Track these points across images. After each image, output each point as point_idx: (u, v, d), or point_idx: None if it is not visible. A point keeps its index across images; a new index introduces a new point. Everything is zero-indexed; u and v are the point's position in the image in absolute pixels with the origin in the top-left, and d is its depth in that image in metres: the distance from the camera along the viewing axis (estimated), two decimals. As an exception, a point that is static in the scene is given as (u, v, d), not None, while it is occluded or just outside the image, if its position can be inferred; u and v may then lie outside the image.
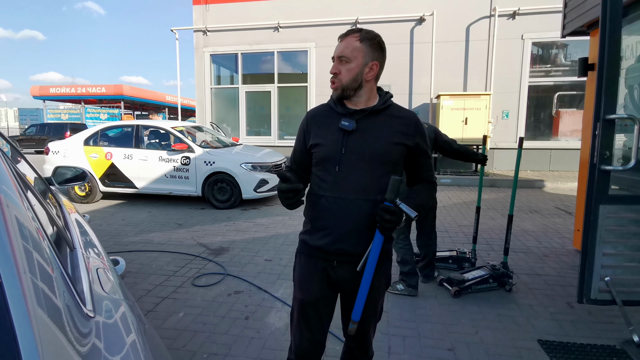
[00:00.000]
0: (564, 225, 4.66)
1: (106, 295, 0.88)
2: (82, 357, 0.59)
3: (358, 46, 1.23)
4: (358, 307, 1.25)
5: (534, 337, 2.25)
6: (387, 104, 1.30)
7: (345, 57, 1.23)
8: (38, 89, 18.91)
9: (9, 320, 0.49)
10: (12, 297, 0.51)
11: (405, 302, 2.68)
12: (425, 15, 8.94)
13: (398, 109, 1.32)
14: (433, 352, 2.10)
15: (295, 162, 1.41)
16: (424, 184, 1.36)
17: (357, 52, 1.23)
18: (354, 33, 1.25)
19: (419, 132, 1.30)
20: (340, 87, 1.25)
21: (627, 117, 2.14)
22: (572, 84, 8.69)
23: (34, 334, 0.49)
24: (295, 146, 1.41)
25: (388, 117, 1.28)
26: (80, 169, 2.46)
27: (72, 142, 6.27)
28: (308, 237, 1.32)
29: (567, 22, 3.86)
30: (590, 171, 2.04)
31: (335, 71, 1.26)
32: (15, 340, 0.47)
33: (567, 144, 8.70)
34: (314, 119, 1.35)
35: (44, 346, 0.50)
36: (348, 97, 1.27)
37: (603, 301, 2.16)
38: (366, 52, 1.24)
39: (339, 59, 1.25)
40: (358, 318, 1.26)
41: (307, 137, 1.34)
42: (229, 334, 2.29)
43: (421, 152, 1.31)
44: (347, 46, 1.24)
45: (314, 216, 1.30)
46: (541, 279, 3.06)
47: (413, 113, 1.34)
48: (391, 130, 1.26)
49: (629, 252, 2.14)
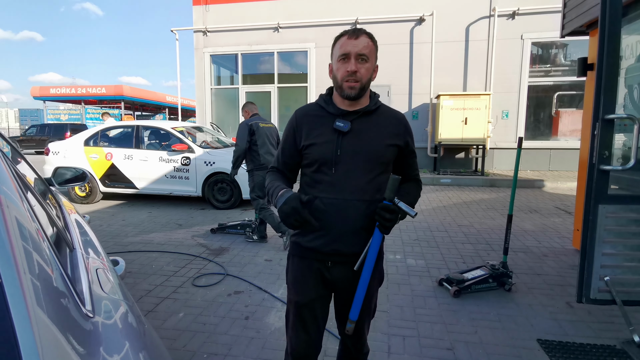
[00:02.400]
0: (564, 225, 4.66)
1: (106, 296, 0.88)
2: (81, 357, 0.59)
3: (372, 47, 1.23)
4: (356, 307, 1.25)
5: (533, 336, 2.25)
6: (378, 104, 1.30)
7: (365, 55, 1.20)
8: (38, 89, 18.91)
9: (9, 320, 0.49)
10: (12, 297, 0.52)
11: (405, 302, 2.68)
12: (425, 16, 8.95)
13: (387, 110, 1.33)
14: (432, 352, 2.11)
15: (282, 162, 1.37)
16: (412, 182, 1.38)
17: (372, 53, 1.23)
18: (364, 33, 1.22)
19: (408, 131, 1.32)
20: (359, 87, 1.21)
21: (626, 116, 2.15)
22: (572, 84, 8.69)
23: (34, 335, 0.49)
24: (282, 146, 1.36)
25: (379, 117, 1.29)
26: (80, 169, 2.47)
27: (72, 143, 6.27)
28: (301, 238, 1.31)
29: (566, 22, 3.86)
30: (590, 171, 2.05)
31: (355, 69, 1.20)
32: (15, 341, 0.48)
33: (567, 144, 8.70)
34: (304, 118, 1.31)
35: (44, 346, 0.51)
36: (360, 97, 1.24)
37: (603, 301, 2.16)
38: (375, 54, 1.26)
39: (358, 57, 1.20)
40: (356, 317, 1.26)
41: (298, 137, 1.30)
42: (229, 334, 2.30)
43: (410, 151, 1.34)
44: (365, 45, 1.20)
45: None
46: (540, 279, 3.06)
47: (401, 113, 1.36)
48: (384, 131, 1.27)
49: (628, 252, 2.14)
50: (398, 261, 3.47)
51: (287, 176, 1.38)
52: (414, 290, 2.89)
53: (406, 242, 4.00)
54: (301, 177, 1.35)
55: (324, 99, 1.32)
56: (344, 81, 1.21)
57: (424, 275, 3.17)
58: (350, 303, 1.30)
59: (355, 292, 1.25)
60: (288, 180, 1.37)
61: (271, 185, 1.31)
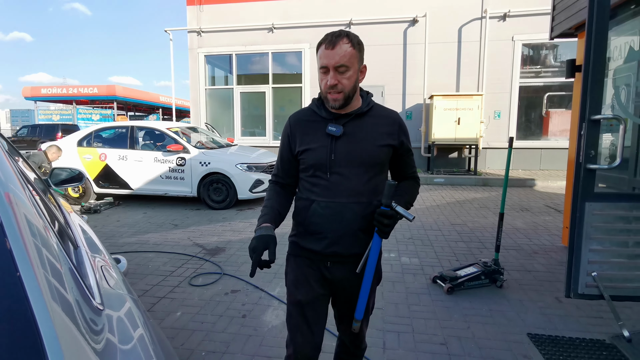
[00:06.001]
0: (554, 223, 4.75)
1: (112, 291, 0.91)
2: (96, 348, 0.62)
3: (352, 52, 1.18)
4: (361, 306, 1.27)
5: (523, 331, 2.31)
6: (370, 105, 1.29)
7: (344, 65, 1.17)
8: (30, 90, 18.69)
9: (31, 314, 0.52)
10: (31, 291, 0.55)
11: (400, 300, 2.73)
12: (418, 17, 9.03)
13: (380, 109, 1.32)
14: (426, 347, 2.16)
15: (282, 170, 1.37)
16: (409, 180, 1.39)
17: (353, 59, 1.19)
18: (342, 38, 1.18)
19: (402, 130, 1.32)
20: (343, 98, 1.20)
21: (612, 117, 2.22)
22: (562, 85, 8.84)
23: (54, 327, 0.52)
24: (281, 153, 1.37)
25: (372, 118, 1.28)
26: (76, 170, 2.48)
27: (66, 143, 6.23)
28: (300, 239, 1.32)
29: (555, 25, 3.94)
30: (577, 170, 2.11)
31: (334, 82, 1.18)
32: (38, 333, 0.50)
33: (557, 144, 8.85)
34: (298, 124, 1.32)
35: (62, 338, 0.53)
36: (346, 105, 1.23)
37: (590, 296, 2.22)
38: (358, 57, 1.21)
39: (336, 69, 1.17)
40: (361, 316, 1.29)
41: (293, 143, 1.31)
42: (226, 332, 2.33)
43: (405, 150, 1.33)
44: (343, 54, 1.16)
45: (307, 220, 1.28)
46: (531, 275, 3.14)
47: (395, 112, 1.35)
48: (377, 132, 1.26)
49: (615, 248, 2.21)
50: (393, 259, 3.53)
51: (287, 187, 1.38)
52: (409, 287, 2.94)
53: (400, 241, 4.06)
54: (300, 181, 1.36)
55: (316, 103, 1.31)
56: (327, 93, 1.22)
57: (418, 273, 3.22)
58: (350, 302, 1.33)
59: (359, 292, 1.28)
60: (288, 193, 1.38)
61: (264, 206, 1.33)
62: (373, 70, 9.26)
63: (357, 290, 1.29)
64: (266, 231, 1.20)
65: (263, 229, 1.21)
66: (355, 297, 1.31)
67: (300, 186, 1.35)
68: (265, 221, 1.25)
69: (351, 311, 1.33)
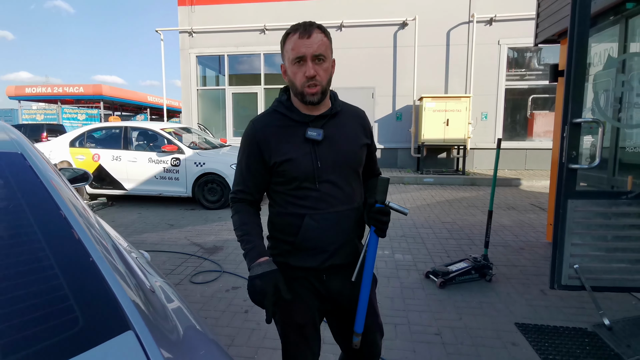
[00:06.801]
0: (538, 220, 4.97)
1: (152, 278, 1.01)
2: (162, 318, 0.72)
3: (327, 42, 1.10)
4: (360, 318, 1.17)
5: (511, 320, 2.47)
6: (340, 104, 1.22)
7: (321, 55, 1.07)
8: (14, 89, 18.28)
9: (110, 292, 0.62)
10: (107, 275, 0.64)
11: (395, 294, 2.86)
12: (407, 20, 9.23)
13: (347, 107, 1.25)
14: (422, 337, 2.29)
15: (253, 184, 1.19)
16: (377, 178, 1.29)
17: (328, 49, 1.10)
18: (315, 27, 1.09)
19: (369, 126, 1.28)
20: (321, 91, 1.10)
21: (591, 120, 2.38)
22: (545, 88, 9.16)
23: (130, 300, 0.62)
24: (247, 165, 1.18)
25: (345, 117, 1.21)
26: (81, 170, 2.50)
27: (57, 144, 6.20)
28: (288, 258, 1.19)
29: (539, 31, 4.14)
30: (559, 169, 2.27)
31: (314, 73, 1.07)
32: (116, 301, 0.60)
33: (541, 144, 9.16)
34: (267, 130, 1.15)
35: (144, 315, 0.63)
36: (322, 101, 1.13)
37: (573, 287, 2.38)
38: (331, 48, 1.13)
39: (314, 59, 1.07)
40: (362, 329, 1.18)
41: (266, 153, 1.14)
42: (230, 326, 2.41)
43: (374, 147, 1.31)
44: (320, 43, 1.07)
45: (300, 237, 1.14)
46: (517, 270, 3.31)
47: (360, 108, 1.29)
48: (354, 132, 1.21)
49: (595, 242, 2.37)
50: (386, 256, 3.66)
51: (255, 204, 1.24)
52: (403, 282, 3.07)
53: (393, 239, 4.20)
54: (273, 194, 1.21)
55: (284, 105, 1.17)
56: (304, 87, 1.09)
57: (411, 269, 3.36)
58: (352, 314, 1.20)
59: (357, 303, 1.18)
60: (257, 211, 1.24)
61: (245, 233, 1.15)
62: (364, 71, 9.45)
63: (356, 299, 1.19)
64: (269, 267, 1.06)
65: (263, 265, 1.06)
66: (354, 307, 1.20)
67: (278, 200, 1.19)
68: (261, 253, 1.10)
69: (351, 323, 1.21)
